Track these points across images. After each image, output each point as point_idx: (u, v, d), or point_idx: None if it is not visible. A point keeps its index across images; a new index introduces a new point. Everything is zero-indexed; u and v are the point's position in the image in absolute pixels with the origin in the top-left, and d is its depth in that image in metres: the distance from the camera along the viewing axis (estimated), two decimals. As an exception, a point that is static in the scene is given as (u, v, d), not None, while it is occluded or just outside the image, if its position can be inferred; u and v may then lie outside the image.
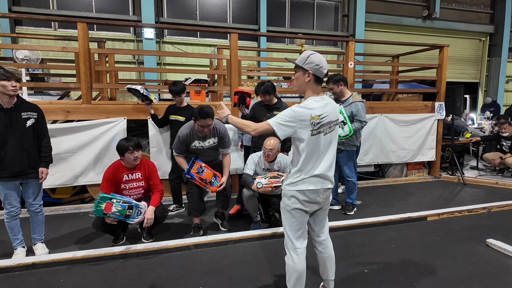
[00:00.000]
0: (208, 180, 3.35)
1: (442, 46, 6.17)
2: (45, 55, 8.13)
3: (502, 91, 13.97)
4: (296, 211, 2.11)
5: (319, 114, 2.00)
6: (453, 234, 3.65)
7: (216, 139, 3.60)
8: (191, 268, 2.91)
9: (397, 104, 6.21)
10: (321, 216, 2.26)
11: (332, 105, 2.10)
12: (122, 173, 3.24)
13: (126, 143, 3.16)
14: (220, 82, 6.41)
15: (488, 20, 14.03)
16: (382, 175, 6.34)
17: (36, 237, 3.15)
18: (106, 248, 3.15)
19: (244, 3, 11.14)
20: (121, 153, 3.20)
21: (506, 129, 6.39)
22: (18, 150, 2.84)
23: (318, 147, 2.05)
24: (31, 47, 5.02)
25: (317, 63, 2.00)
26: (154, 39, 9.83)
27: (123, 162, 3.26)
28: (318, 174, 2.07)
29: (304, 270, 2.15)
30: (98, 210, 2.91)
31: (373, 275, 2.79)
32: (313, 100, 2.04)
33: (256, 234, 3.50)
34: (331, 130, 2.09)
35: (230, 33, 4.92)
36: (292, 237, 2.14)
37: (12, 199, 2.91)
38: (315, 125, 1.99)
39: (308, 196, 2.08)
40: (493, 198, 4.89)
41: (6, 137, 2.79)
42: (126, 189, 3.29)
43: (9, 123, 2.80)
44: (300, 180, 2.07)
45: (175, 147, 3.54)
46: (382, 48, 11.70)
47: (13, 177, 2.85)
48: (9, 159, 2.81)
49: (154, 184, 3.38)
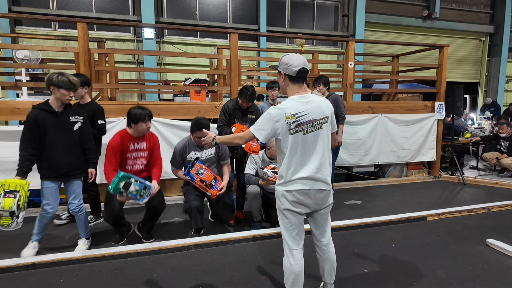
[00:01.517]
0: (208, 182, 3.31)
1: (442, 46, 6.18)
2: (45, 55, 8.13)
3: (502, 91, 13.96)
4: (287, 212, 2.09)
5: (294, 113, 1.99)
6: (453, 234, 3.65)
7: (213, 150, 3.61)
8: (191, 268, 2.91)
9: (397, 104, 6.22)
10: (319, 220, 2.20)
11: (314, 103, 2.05)
12: (129, 142, 3.19)
13: (143, 111, 3.13)
14: (220, 82, 6.41)
15: (488, 20, 14.03)
16: (382, 175, 6.34)
17: (81, 233, 3.25)
18: (106, 248, 3.15)
19: (244, 3, 11.14)
20: (134, 121, 3.12)
21: (504, 130, 6.40)
22: (66, 152, 2.96)
23: (299, 146, 2.03)
24: (31, 47, 5.02)
25: (286, 62, 2.03)
26: (154, 39, 9.83)
27: (131, 131, 3.20)
28: (305, 174, 2.04)
29: (301, 271, 2.12)
30: (116, 188, 2.88)
31: (373, 275, 2.79)
32: (291, 99, 2.05)
33: (256, 234, 3.50)
34: (314, 129, 2.04)
35: (230, 33, 4.93)
36: (287, 237, 2.13)
37: (51, 199, 2.99)
38: (291, 124, 1.99)
39: (296, 197, 2.05)
40: (493, 198, 4.89)
41: (56, 139, 2.90)
42: (131, 159, 3.24)
43: (59, 126, 2.92)
44: (289, 181, 2.06)
45: (172, 161, 3.54)
46: (382, 48, 11.69)
47: (60, 177, 2.98)
48: (58, 161, 2.92)
49: (156, 156, 3.40)
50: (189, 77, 6.26)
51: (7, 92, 7.89)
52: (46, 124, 2.85)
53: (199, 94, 5.53)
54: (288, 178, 2.06)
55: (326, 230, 2.24)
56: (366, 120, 5.77)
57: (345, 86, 5.72)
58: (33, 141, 2.82)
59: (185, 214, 4.27)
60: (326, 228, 2.23)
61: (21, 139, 2.82)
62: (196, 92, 5.52)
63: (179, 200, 4.82)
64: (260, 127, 2.06)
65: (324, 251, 2.24)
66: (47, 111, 2.86)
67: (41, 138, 2.85)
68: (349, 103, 5.68)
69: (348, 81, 5.67)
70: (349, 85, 5.68)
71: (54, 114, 2.89)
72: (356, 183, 5.85)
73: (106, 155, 3.13)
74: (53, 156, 2.90)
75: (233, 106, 3.92)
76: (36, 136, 2.82)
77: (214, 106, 4.95)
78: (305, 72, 2.04)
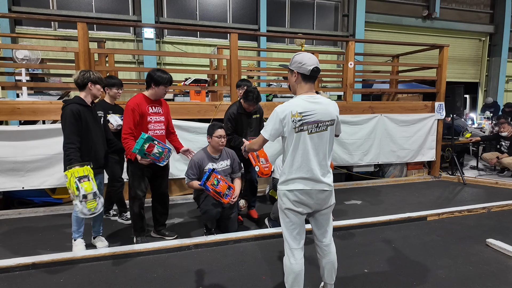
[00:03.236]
0: (222, 193, 3.28)
1: (442, 46, 6.18)
2: (45, 55, 8.11)
3: (502, 91, 13.96)
4: (288, 211, 2.10)
5: (300, 111, 1.99)
6: (453, 234, 3.65)
7: (229, 161, 3.62)
8: (191, 268, 2.91)
9: (397, 104, 6.22)
10: (320, 220, 2.19)
11: (323, 105, 2.05)
12: (147, 105, 3.18)
13: (165, 75, 3.14)
14: (220, 82, 6.41)
15: (488, 20, 14.03)
16: (382, 175, 6.34)
17: (99, 230, 3.28)
18: (106, 248, 3.16)
19: (244, 3, 11.13)
20: (156, 84, 3.12)
21: (506, 129, 6.40)
22: (101, 144, 3.13)
23: (303, 145, 2.03)
24: (31, 47, 5.01)
25: (299, 61, 2.04)
26: (154, 39, 9.83)
27: (148, 93, 3.20)
28: (306, 174, 2.04)
29: (301, 271, 2.13)
30: (141, 149, 2.93)
31: (373, 275, 2.79)
32: (299, 97, 2.06)
33: (256, 234, 3.50)
34: (319, 130, 2.04)
35: (230, 33, 4.93)
36: (288, 237, 2.13)
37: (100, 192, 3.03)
38: (296, 122, 2.00)
39: (298, 197, 2.06)
40: (493, 198, 4.89)
41: (95, 132, 3.05)
42: (152, 122, 3.22)
43: (95, 120, 3.09)
44: (290, 179, 2.07)
45: (188, 173, 3.46)
46: (382, 48, 11.69)
47: (98, 169, 3.07)
48: (98, 153, 3.07)
49: (172, 124, 3.51)
50: (189, 77, 6.25)
51: (7, 92, 7.89)
52: (87, 118, 2.96)
53: (199, 94, 5.52)
54: (289, 176, 2.07)
55: (328, 231, 2.23)
56: (366, 120, 5.77)
57: (345, 86, 5.72)
58: (78, 134, 2.89)
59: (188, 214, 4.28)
60: (328, 228, 2.23)
61: (69, 132, 2.84)
62: (196, 92, 5.52)
63: (179, 200, 4.83)
64: (267, 127, 2.09)
65: (325, 251, 2.23)
66: (84, 106, 2.96)
67: (83, 131, 2.93)
68: (349, 103, 5.68)
69: (348, 81, 5.67)
70: (349, 85, 5.68)
71: (89, 108, 3.02)
72: (356, 183, 5.85)
73: (125, 117, 3.11)
74: (94, 148, 3.02)
75: (237, 111, 3.84)
76: (80, 129, 2.90)
77: (214, 106, 4.95)
78: (318, 72, 2.05)
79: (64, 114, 2.87)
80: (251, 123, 3.92)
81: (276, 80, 8.00)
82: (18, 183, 4.20)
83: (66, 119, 2.85)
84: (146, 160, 3.02)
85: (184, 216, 4.22)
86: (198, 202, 3.55)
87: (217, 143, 3.45)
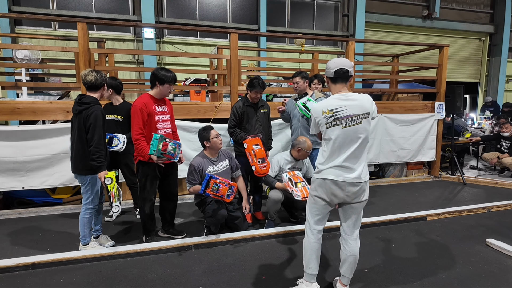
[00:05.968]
0: (224, 195, 3.26)
1: (442, 46, 6.17)
2: (45, 55, 8.12)
3: (502, 91, 13.96)
4: (317, 199, 2.26)
5: (331, 109, 2.17)
6: (453, 234, 3.65)
7: (227, 161, 3.63)
8: (191, 268, 2.91)
9: (397, 104, 6.21)
10: (348, 212, 2.30)
11: (356, 101, 2.19)
12: (153, 104, 3.17)
13: (169, 74, 3.14)
14: (220, 82, 6.41)
15: (488, 20, 14.02)
16: (382, 175, 6.34)
17: (97, 229, 3.28)
18: (106, 248, 3.15)
19: (244, 3, 11.13)
20: (160, 82, 3.12)
21: (508, 128, 6.40)
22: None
23: (337, 138, 2.17)
24: (31, 47, 5.01)
25: (326, 67, 2.29)
26: (154, 39, 9.82)
27: (153, 92, 3.19)
28: (338, 164, 2.18)
29: (318, 249, 2.29)
30: (158, 149, 2.96)
31: (373, 275, 2.79)
32: (331, 97, 2.25)
33: (256, 234, 3.49)
34: (354, 123, 2.16)
35: (230, 33, 4.92)
36: (310, 219, 2.34)
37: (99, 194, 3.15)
38: (328, 118, 2.18)
39: (329, 186, 2.19)
40: (493, 198, 4.89)
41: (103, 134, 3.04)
42: (160, 121, 3.21)
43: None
44: (323, 170, 2.22)
45: (189, 178, 3.43)
46: (382, 48, 11.69)
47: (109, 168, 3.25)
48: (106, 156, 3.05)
49: (174, 121, 3.48)
50: (189, 77, 6.25)
51: (7, 92, 7.89)
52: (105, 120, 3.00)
53: (199, 94, 5.53)
54: (323, 167, 2.23)
55: (355, 225, 2.33)
56: (366, 120, 5.75)
57: (345, 86, 5.71)
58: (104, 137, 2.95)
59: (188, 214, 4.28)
60: (354, 222, 2.32)
61: (99, 137, 2.84)
62: (196, 92, 5.52)
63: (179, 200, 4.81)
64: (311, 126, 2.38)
65: (350, 245, 2.33)
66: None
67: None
68: (349, 103, 5.67)
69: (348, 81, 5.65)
70: (349, 85, 5.67)
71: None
72: (356, 183, 5.83)
73: (133, 118, 3.07)
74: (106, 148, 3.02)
75: (244, 104, 3.85)
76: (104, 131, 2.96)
77: (214, 106, 4.95)
78: (343, 72, 2.22)
79: (95, 115, 2.82)
80: (259, 116, 3.90)
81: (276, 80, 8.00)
82: (18, 183, 4.20)
83: (96, 121, 2.82)
84: (162, 160, 3.03)
85: (184, 216, 4.22)
86: (201, 207, 3.52)
87: (216, 143, 3.45)
